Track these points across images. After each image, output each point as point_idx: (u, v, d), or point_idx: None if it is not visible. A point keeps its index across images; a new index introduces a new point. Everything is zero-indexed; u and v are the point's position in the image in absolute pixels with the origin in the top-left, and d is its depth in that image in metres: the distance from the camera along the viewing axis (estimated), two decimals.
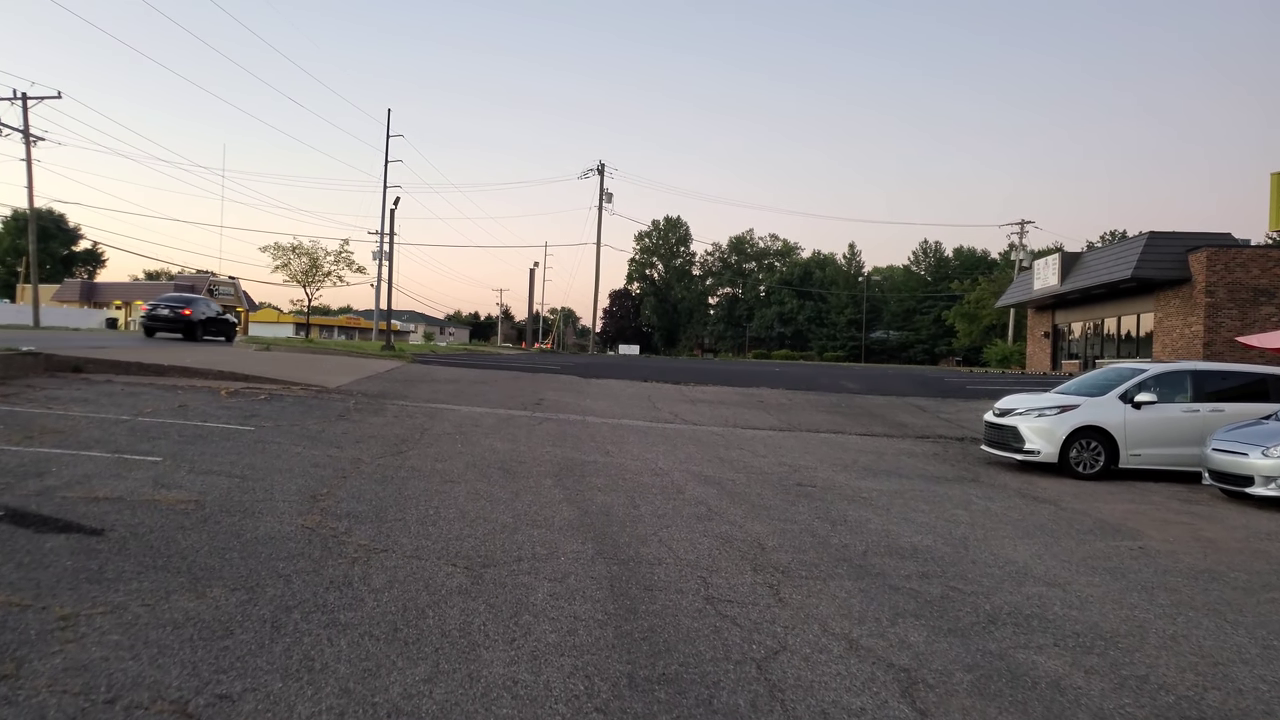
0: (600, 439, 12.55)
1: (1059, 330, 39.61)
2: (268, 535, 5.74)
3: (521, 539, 6.26)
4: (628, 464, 10.40)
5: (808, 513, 8.13)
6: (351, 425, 11.76)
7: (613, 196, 66.20)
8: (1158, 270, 28.43)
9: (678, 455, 11.49)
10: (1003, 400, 13.38)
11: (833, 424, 16.79)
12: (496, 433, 12.33)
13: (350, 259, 33.33)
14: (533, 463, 9.89)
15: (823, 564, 6.22)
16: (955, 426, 17.42)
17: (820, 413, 18.55)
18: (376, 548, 5.70)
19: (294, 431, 10.66)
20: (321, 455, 9.12)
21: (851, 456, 12.62)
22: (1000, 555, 6.91)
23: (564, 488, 8.50)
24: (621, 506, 7.75)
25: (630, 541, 6.45)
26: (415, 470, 8.76)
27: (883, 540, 7.16)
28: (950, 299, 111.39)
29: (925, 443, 15.04)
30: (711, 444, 12.96)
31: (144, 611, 4.17)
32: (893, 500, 9.19)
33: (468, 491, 7.88)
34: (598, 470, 9.73)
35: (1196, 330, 27.36)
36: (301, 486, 7.43)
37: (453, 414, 14.18)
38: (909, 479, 10.90)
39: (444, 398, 16.65)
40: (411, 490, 7.71)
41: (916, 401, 21.42)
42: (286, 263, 31.64)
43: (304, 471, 8.12)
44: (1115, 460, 11.85)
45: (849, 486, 9.92)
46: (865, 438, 15.20)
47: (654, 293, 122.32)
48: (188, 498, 6.61)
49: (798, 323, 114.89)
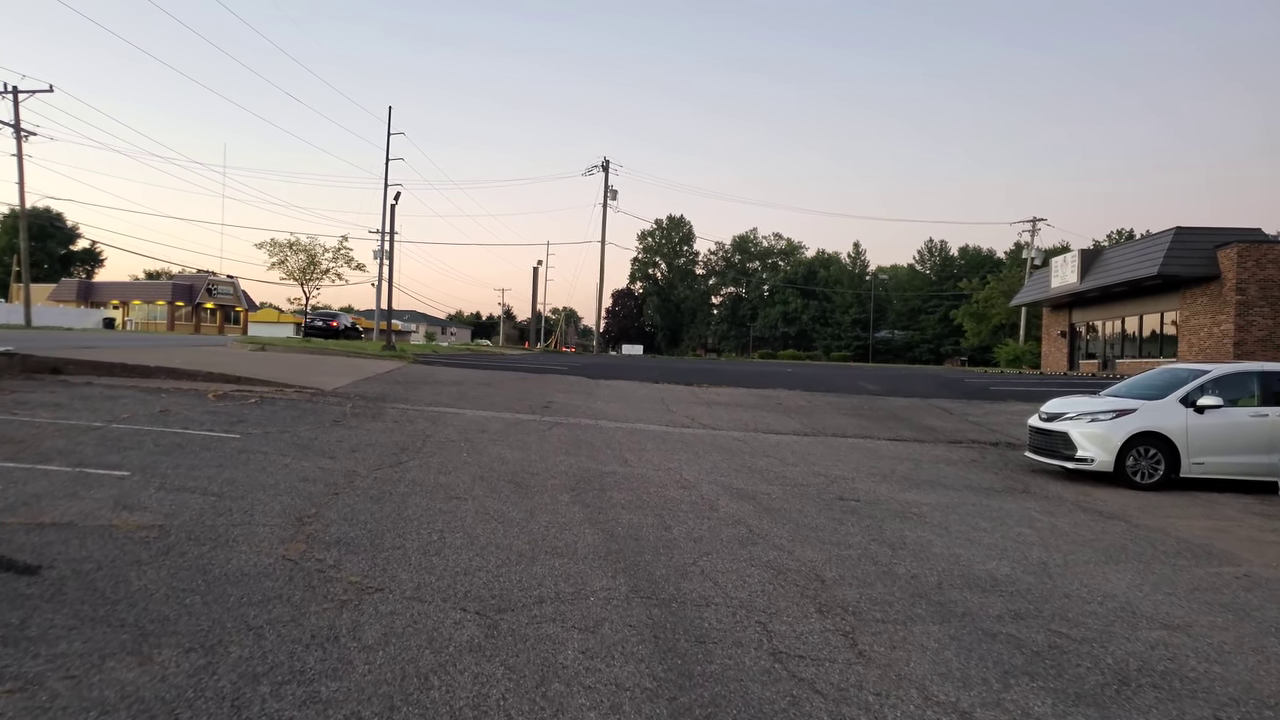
0: (616, 446, 11.61)
1: (1076, 329, 38.62)
2: (240, 571, 4.81)
3: (541, 571, 5.32)
4: (650, 475, 9.46)
5: (860, 534, 7.19)
6: (347, 432, 10.83)
7: (617, 194, 65.31)
8: (1184, 267, 27.43)
9: (702, 464, 10.55)
10: (1049, 404, 12.43)
11: (858, 428, 15.84)
12: (504, 439, 11.40)
13: (349, 256, 32.45)
14: (546, 474, 8.95)
15: (896, 601, 5.28)
16: (986, 430, 16.48)
17: (843, 416, 17.61)
18: (370, 586, 4.77)
19: (283, 439, 9.73)
20: (312, 467, 8.18)
21: (887, 465, 11.69)
22: (1092, 586, 5.97)
23: (584, 504, 7.56)
24: (651, 528, 6.81)
25: (668, 574, 5.51)
26: (416, 485, 7.82)
27: (954, 568, 6.22)
28: (957, 298, 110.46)
29: (960, 449, 14.09)
30: (736, 451, 12.03)
31: (65, 688, 3.23)
32: (948, 517, 8.25)
33: (476, 510, 6.94)
34: (618, 483, 8.80)
35: (1226, 329, 26.37)
36: (286, 506, 6.50)
37: (456, 419, 13.25)
38: (956, 490, 9.97)
39: (447, 400, 15.72)
40: (412, 509, 6.77)
41: (941, 404, 20.47)
42: (283, 260, 30.72)
43: (291, 487, 7.19)
44: (1176, 469, 10.91)
45: (895, 500, 8.98)
46: (896, 443, 14.26)
47: (657, 292, 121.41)
48: (151, 522, 5.67)
49: (802, 322, 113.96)
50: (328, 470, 8.11)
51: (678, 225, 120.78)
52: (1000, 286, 68.49)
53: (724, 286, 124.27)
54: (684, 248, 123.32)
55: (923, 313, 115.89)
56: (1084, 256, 33.74)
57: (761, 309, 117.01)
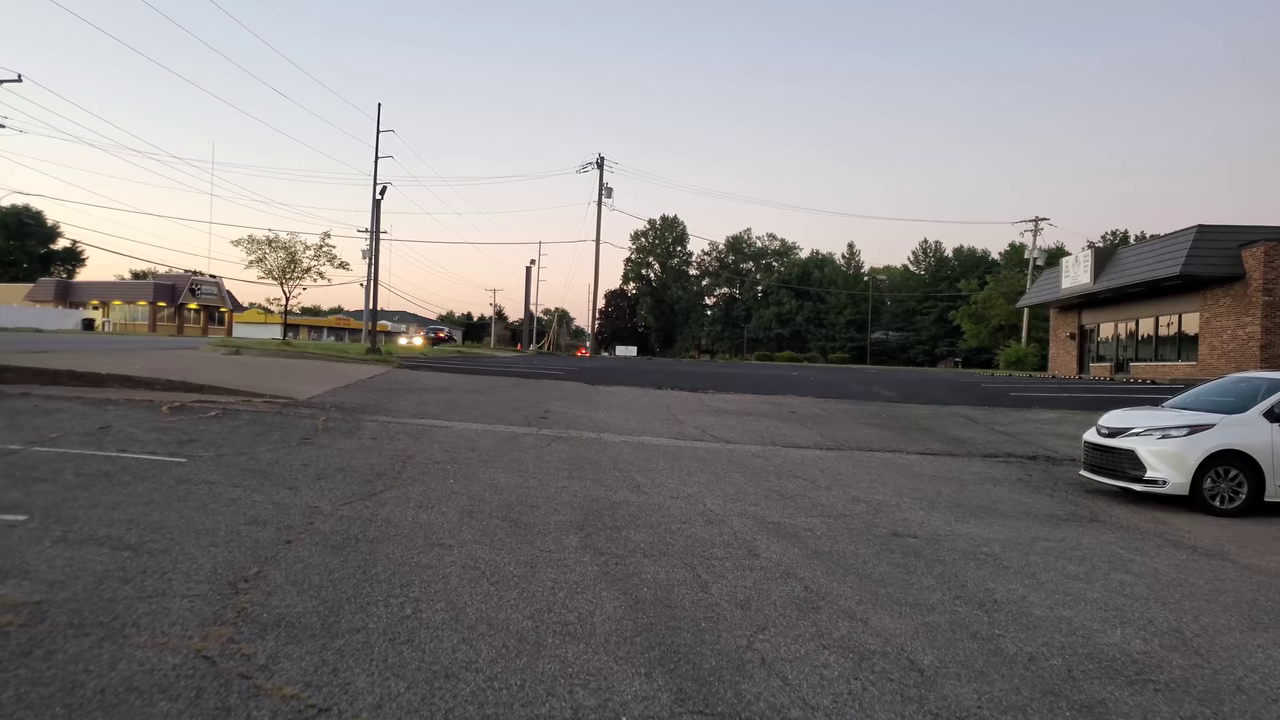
0: (625, 465, 10.24)
1: (1086, 331, 37.38)
2: (127, 683, 3.41)
3: (550, 669, 3.93)
4: (669, 505, 8.09)
5: (938, 588, 5.83)
6: (316, 452, 9.42)
7: (612, 191, 63.93)
8: (1207, 267, 26.19)
9: (724, 488, 9.19)
10: (1108, 418, 11.09)
11: (883, 440, 14.50)
12: (497, 459, 10.01)
13: (332, 254, 30.92)
14: (548, 507, 7.56)
15: (1030, 706, 3.92)
16: (1019, 442, 15.16)
17: (863, 426, 16.27)
18: (312, 704, 3.37)
19: (238, 464, 8.31)
20: (265, 503, 6.77)
21: (929, 486, 10.35)
22: (1256, 667, 4.63)
23: (595, 550, 6.18)
24: (684, 586, 5.43)
25: (720, 667, 4.12)
26: (390, 526, 6.42)
27: (1073, 641, 4.87)
28: (952, 299, 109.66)
29: (999, 465, 12.76)
30: (758, 471, 10.67)
31: None
32: (1027, 558, 6.91)
33: (463, 564, 5.55)
34: (633, 517, 7.42)
35: (1252, 331, 25.14)
36: (221, 563, 5.10)
37: (443, 433, 11.85)
38: (1018, 520, 8.64)
39: (433, 411, 14.31)
40: (382, 564, 5.37)
41: (962, 411, 19.17)
42: (261, 258, 29.18)
43: (233, 533, 5.78)
44: (1260, 493, 9.60)
45: (957, 535, 7.64)
46: (928, 458, 12.93)
47: (650, 293, 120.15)
48: (24, 598, 4.25)
49: (796, 323, 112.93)
50: (284, 507, 6.70)
51: (671, 225, 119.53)
52: (1000, 287, 67.42)
53: (718, 287, 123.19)
54: (677, 248, 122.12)
55: (917, 314, 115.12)
56: (1097, 256, 32.46)
57: (756, 310, 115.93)
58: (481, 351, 59.26)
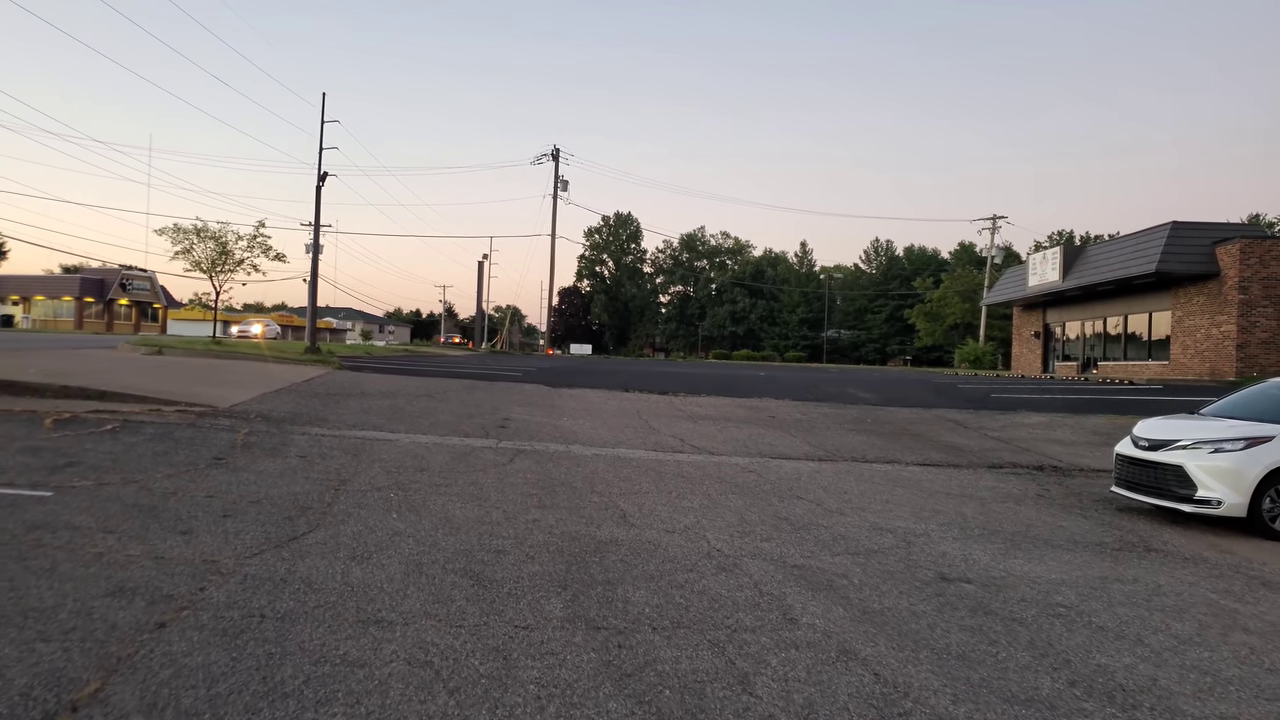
0: (603, 487, 8.71)
1: (1051, 330, 36.84)
2: None
3: None
4: (666, 543, 6.59)
5: (1039, 668, 4.43)
6: (228, 477, 7.71)
7: (568, 184, 62.13)
8: (1182, 264, 25.55)
9: (724, 516, 7.73)
10: (1146, 428, 9.87)
11: (876, 449, 13.22)
12: (451, 482, 8.40)
13: (267, 244, 28.67)
14: (518, 552, 6.00)
15: None
16: (1017, 449, 14.02)
17: (849, 432, 14.99)
18: None
19: (123, 497, 6.59)
20: (143, 558, 5.10)
21: (948, 507, 9.04)
22: None
23: (588, 623, 4.64)
24: (719, 684, 3.93)
25: None
26: (311, 589, 4.81)
27: None
28: (903, 297, 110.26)
29: (1009, 477, 11.55)
30: (754, 490, 9.25)
31: None
32: (1114, 612, 5.57)
33: (409, 657, 3.97)
34: (627, 564, 5.90)
35: (1227, 330, 24.55)
36: (44, 673, 3.45)
37: (387, 448, 10.19)
38: (1066, 551, 7.36)
39: (376, 420, 12.60)
40: (293, 664, 3.77)
41: (948, 415, 18.04)
42: (188, 248, 26.82)
43: (80, 614, 4.12)
44: None
45: (1014, 578, 6.30)
46: (930, 470, 11.66)
47: (604, 290, 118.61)
48: None
49: (750, 321, 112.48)
50: (169, 563, 5.04)
51: (625, 222, 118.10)
52: (955, 285, 67.36)
53: (672, 285, 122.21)
54: (631, 245, 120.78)
55: (869, 312, 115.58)
56: (1066, 253, 31.78)
57: (710, 308, 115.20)
58: (431, 350, 57.11)
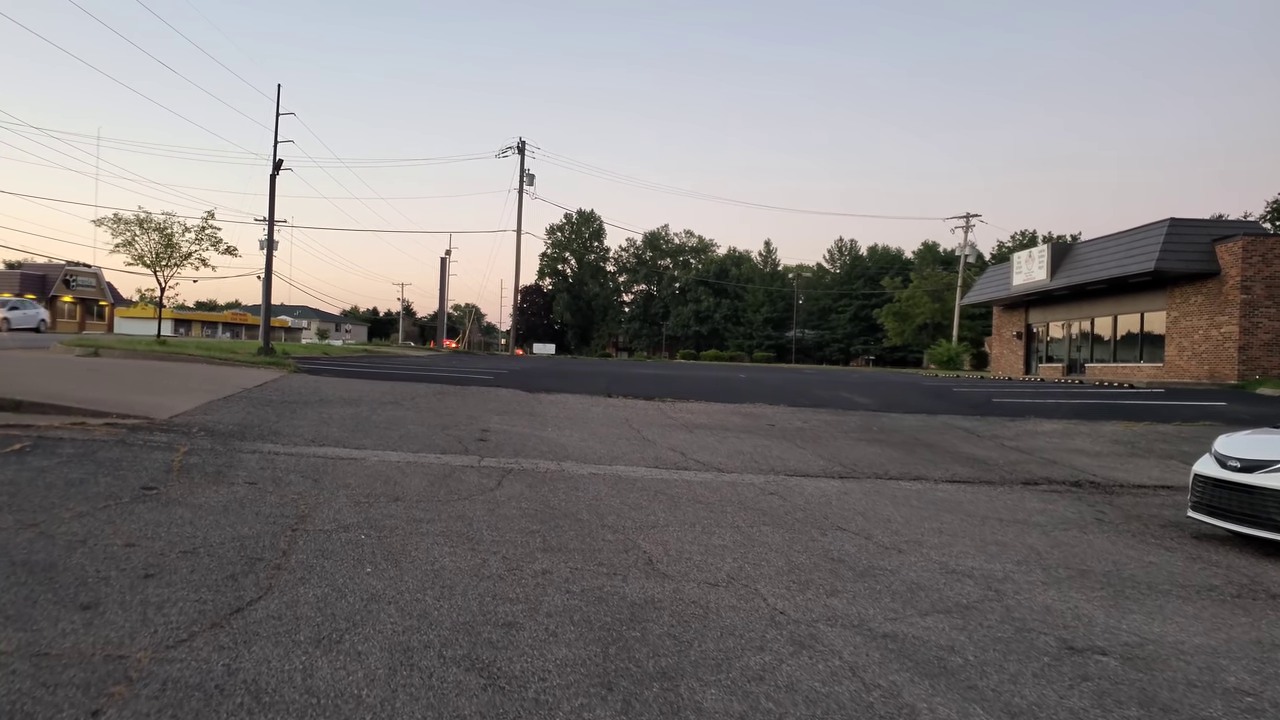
0: (614, 520, 7.33)
1: (1033, 331, 36.18)
2: None
3: None
4: (716, 604, 5.23)
5: None
6: (157, 515, 6.18)
7: (534, 178, 60.49)
8: (1181, 262, 24.86)
9: (769, 558, 6.39)
10: (1233, 446, 8.62)
11: (895, 463, 12.02)
12: (433, 516, 6.95)
13: (216, 237, 26.71)
14: (534, 627, 4.60)
15: None
16: (1043, 461, 12.92)
17: (859, 442, 13.79)
18: None
19: (9, 552, 5.05)
20: (14, 660, 3.60)
21: (1012, 538, 7.83)
22: None
23: None
24: None
25: None
26: (259, 705, 3.36)
27: None
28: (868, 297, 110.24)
29: (1053, 496, 10.40)
30: (787, 518, 7.94)
31: None
32: None
33: None
34: (678, 643, 4.53)
35: (1228, 331, 23.87)
36: None
37: (353, 470, 8.68)
38: (1181, 598, 6.16)
39: (339, 433, 11.07)
40: None
41: (955, 422, 16.97)
42: (129, 240, 24.78)
43: None
44: None
45: (1147, 642, 5.07)
46: (964, 489, 10.48)
47: (567, 289, 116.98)
48: None
49: (714, 321, 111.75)
50: (51, 660, 3.55)
51: (588, 220, 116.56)
52: (925, 285, 67.01)
53: (635, 284, 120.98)
54: (594, 243, 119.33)
55: (833, 312, 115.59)
56: (1054, 251, 31.03)
57: (674, 307, 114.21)
58: (392, 351, 55.06)
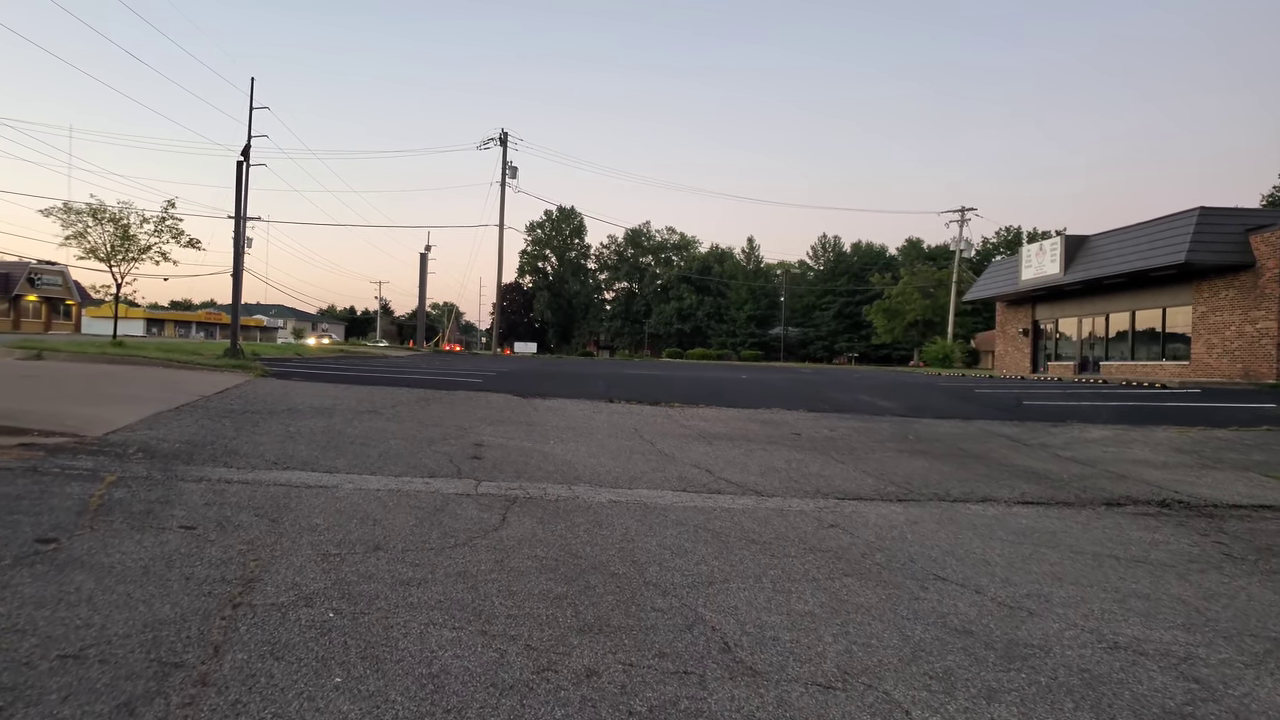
0: (658, 575, 5.67)
1: (1040, 327, 34.83)
2: None
3: None
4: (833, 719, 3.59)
5: None
6: (43, 590, 4.46)
7: (517, 171, 58.69)
8: (1213, 254, 23.48)
9: (877, 633, 4.78)
10: None
11: (950, 479, 10.44)
12: (425, 576, 5.27)
13: (178, 229, 24.73)
14: None
15: None
16: (1112, 476, 11.36)
17: (898, 453, 12.23)
18: None
19: None
20: None
21: (1148, 586, 6.26)
22: None
23: None
24: None
25: None
26: None
27: None
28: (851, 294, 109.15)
29: (1149, 522, 8.86)
30: (867, 566, 6.33)
31: None
32: None
33: None
34: None
35: (1266, 327, 22.49)
36: None
37: (322, 505, 6.97)
38: None
39: (307, 452, 9.34)
40: None
41: (994, 429, 15.48)
42: (81, 231, 22.78)
43: None
44: None
45: None
46: (1044, 512, 8.91)
47: (548, 287, 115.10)
48: None
49: (697, 319, 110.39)
50: None
51: (568, 217, 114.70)
52: (915, 281, 65.85)
53: (617, 281, 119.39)
54: (575, 241, 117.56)
55: (816, 309, 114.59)
56: (1068, 244, 29.67)
57: (656, 305, 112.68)
58: (370, 351, 53.04)
